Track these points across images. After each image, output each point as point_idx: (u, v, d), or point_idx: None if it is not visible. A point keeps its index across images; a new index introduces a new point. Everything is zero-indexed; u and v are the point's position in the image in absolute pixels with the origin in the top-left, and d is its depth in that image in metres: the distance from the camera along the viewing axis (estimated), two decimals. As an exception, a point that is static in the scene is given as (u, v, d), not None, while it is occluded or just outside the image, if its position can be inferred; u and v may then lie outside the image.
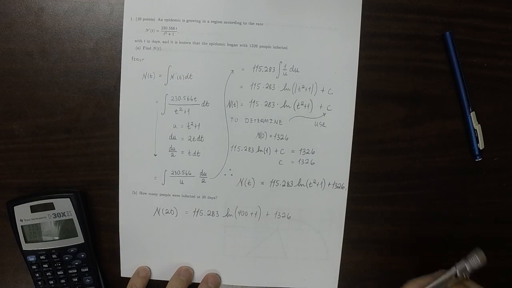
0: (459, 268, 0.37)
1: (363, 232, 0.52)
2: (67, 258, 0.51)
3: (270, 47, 0.50)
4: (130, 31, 0.50)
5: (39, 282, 0.52)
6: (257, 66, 0.50)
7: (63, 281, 0.52)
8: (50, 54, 0.50)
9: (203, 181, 0.52)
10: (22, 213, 0.50)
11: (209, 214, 0.52)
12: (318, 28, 0.50)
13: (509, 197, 0.52)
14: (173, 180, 0.51)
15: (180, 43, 0.50)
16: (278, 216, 0.52)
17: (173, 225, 0.52)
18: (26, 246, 0.50)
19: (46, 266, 0.51)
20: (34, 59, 0.50)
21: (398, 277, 0.53)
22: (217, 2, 0.49)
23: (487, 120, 0.51)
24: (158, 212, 0.52)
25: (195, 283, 0.53)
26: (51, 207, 0.50)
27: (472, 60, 0.50)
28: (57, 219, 0.50)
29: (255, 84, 0.50)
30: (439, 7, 0.49)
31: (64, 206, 0.50)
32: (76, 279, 0.52)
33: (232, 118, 0.51)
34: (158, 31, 0.49)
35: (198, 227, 0.52)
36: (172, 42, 0.50)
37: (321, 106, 0.50)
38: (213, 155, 0.51)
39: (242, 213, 0.52)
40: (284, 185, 0.52)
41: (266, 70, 0.50)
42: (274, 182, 0.52)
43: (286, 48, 0.50)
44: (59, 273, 0.52)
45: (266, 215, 0.52)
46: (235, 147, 0.51)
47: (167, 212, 0.52)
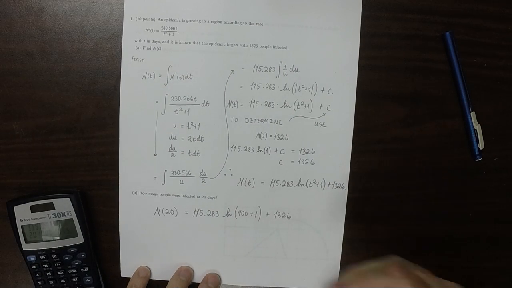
0: None
1: (363, 232, 0.52)
2: (67, 258, 0.51)
3: (270, 47, 0.50)
4: (130, 31, 0.50)
5: (39, 282, 0.52)
6: (257, 66, 0.50)
7: (63, 281, 0.52)
8: (50, 54, 0.50)
9: (203, 181, 0.52)
10: (22, 213, 0.50)
11: (209, 214, 0.52)
12: (318, 28, 0.50)
13: (509, 197, 0.52)
14: (173, 180, 0.51)
15: (180, 43, 0.50)
16: (278, 216, 0.52)
17: (173, 225, 0.52)
18: (26, 246, 0.50)
19: (46, 266, 0.51)
20: (34, 59, 0.50)
21: (398, 277, 0.53)
22: (217, 2, 0.49)
23: (487, 120, 0.51)
24: (158, 212, 0.52)
25: (195, 283, 0.53)
26: (51, 207, 0.50)
27: (472, 60, 0.50)
28: (57, 219, 0.50)
29: (255, 84, 0.50)
30: (439, 7, 0.49)
31: (64, 206, 0.50)
32: (76, 279, 0.52)
33: (232, 118, 0.51)
34: (158, 31, 0.49)
35: (198, 227, 0.52)
36: (172, 42, 0.50)
37: (321, 106, 0.50)
38: (213, 155, 0.51)
39: (242, 213, 0.52)
40: (284, 185, 0.52)
41: (266, 70, 0.50)
42: (274, 182, 0.52)
43: (286, 48, 0.50)
44: (59, 273, 0.52)
45: (266, 215, 0.52)
46: (235, 147, 0.51)
47: (167, 212, 0.52)
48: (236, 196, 0.52)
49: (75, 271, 0.52)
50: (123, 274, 0.53)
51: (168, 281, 0.52)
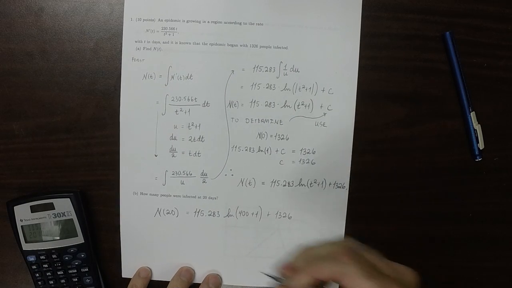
0: None
1: (364, 232, 0.52)
2: (67, 258, 0.51)
3: (270, 47, 0.50)
4: (130, 31, 0.50)
5: (39, 282, 0.52)
6: (258, 66, 0.50)
7: (63, 281, 0.52)
8: (50, 54, 0.50)
9: (204, 182, 0.51)
10: (22, 213, 0.50)
11: (210, 215, 0.52)
12: (318, 28, 0.50)
13: (509, 197, 0.52)
14: (174, 180, 0.51)
15: (180, 43, 0.50)
16: (279, 216, 0.52)
17: (174, 226, 0.52)
18: (26, 246, 0.50)
19: (46, 266, 0.51)
20: (34, 59, 0.50)
21: (398, 277, 0.53)
22: (217, 2, 0.49)
23: (487, 120, 0.51)
24: (159, 213, 0.52)
25: (196, 283, 0.53)
26: (51, 207, 0.50)
27: (472, 60, 0.50)
28: (57, 219, 0.50)
29: (255, 84, 0.50)
30: (439, 7, 0.49)
31: (64, 206, 0.50)
32: (76, 279, 0.52)
33: (232, 118, 0.51)
34: (158, 31, 0.49)
35: (199, 227, 0.52)
36: (172, 42, 0.50)
37: (321, 106, 0.50)
38: (214, 156, 0.51)
39: (243, 213, 0.52)
40: (284, 185, 0.52)
41: (267, 70, 0.50)
42: (274, 182, 0.52)
43: (286, 48, 0.50)
44: (59, 273, 0.52)
45: (267, 215, 0.52)
46: (235, 147, 0.51)
47: (168, 212, 0.52)
48: (237, 196, 0.52)
49: (75, 271, 0.52)
50: (124, 274, 0.53)
51: (169, 282, 0.52)
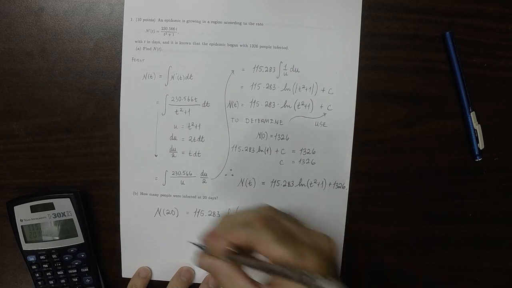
0: (315, 283, 0.32)
1: (364, 232, 0.52)
2: (67, 258, 0.51)
3: (270, 47, 0.50)
4: (130, 31, 0.50)
5: (39, 282, 0.52)
6: (258, 66, 0.50)
7: (63, 281, 0.52)
8: (50, 54, 0.50)
9: (204, 182, 0.51)
10: (22, 213, 0.50)
11: (210, 215, 0.52)
12: (318, 28, 0.50)
13: (509, 197, 0.52)
14: (174, 180, 0.51)
15: (180, 43, 0.50)
16: (279, 216, 0.52)
17: (174, 226, 0.52)
18: (26, 246, 0.50)
19: (46, 266, 0.51)
20: (34, 59, 0.50)
21: (398, 277, 0.53)
22: (217, 3, 0.49)
23: (487, 120, 0.51)
24: (159, 213, 0.52)
25: (195, 283, 0.53)
26: (51, 207, 0.50)
27: (472, 60, 0.50)
28: (57, 219, 0.50)
29: (255, 84, 0.50)
30: (439, 7, 0.49)
31: (64, 206, 0.50)
32: (76, 279, 0.52)
33: (232, 118, 0.51)
34: (158, 31, 0.49)
35: (199, 227, 0.52)
36: (172, 42, 0.50)
37: (321, 106, 0.50)
38: (214, 156, 0.51)
39: (243, 213, 0.52)
40: (285, 185, 0.52)
41: (267, 70, 0.50)
42: (274, 182, 0.52)
43: (286, 48, 0.50)
44: (59, 273, 0.52)
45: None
46: (235, 147, 0.51)
47: (168, 212, 0.52)
48: (237, 197, 0.52)
49: (75, 271, 0.52)
50: (124, 274, 0.53)
51: (168, 282, 0.52)
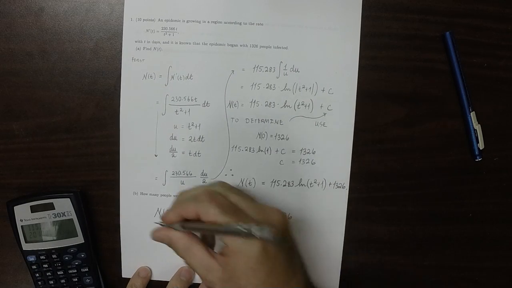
0: (249, 231, 0.34)
1: (364, 232, 0.52)
2: (67, 258, 0.51)
3: (270, 47, 0.50)
4: (130, 31, 0.50)
5: (39, 282, 0.52)
6: (258, 66, 0.50)
7: (63, 281, 0.52)
8: (50, 54, 0.50)
9: (204, 182, 0.51)
10: (22, 213, 0.49)
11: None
12: (318, 28, 0.50)
13: (509, 197, 0.52)
14: (174, 180, 0.51)
15: (180, 43, 0.50)
16: (279, 216, 0.52)
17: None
18: (26, 246, 0.50)
19: (46, 266, 0.51)
20: (34, 59, 0.50)
21: (398, 277, 0.53)
22: (217, 3, 0.49)
23: (487, 120, 0.51)
24: (159, 213, 0.52)
25: (195, 283, 0.53)
26: (51, 207, 0.50)
27: (472, 60, 0.50)
28: (57, 219, 0.50)
29: (255, 84, 0.50)
30: (439, 7, 0.49)
31: (64, 206, 0.50)
32: (76, 279, 0.52)
33: (232, 118, 0.51)
34: (158, 31, 0.49)
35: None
36: (172, 42, 0.50)
37: (321, 106, 0.50)
38: (214, 156, 0.51)
39: (243, 213, 0.52)
40: (285, 185, 0.52)
41: (267, 70, 0.50)
42: (274, 182, 0.52)
43: (286, 48, 0.50)
44: (59, 273, 0.52)
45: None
46: (235, 147, 0.51)
47: (168, 212, 0.52)
48: (236, 196, 0.52)
49: (75, 271, 0.52)
50: (124, 274, 0.53)
51: (168, 282, 0.52)
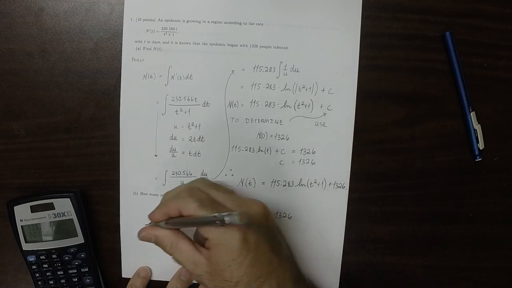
0: (220, 218, 0.36)
1: (364, 232, 0.52)
2: (67, 258, 0.51)
3: (270, 47, 0.50)
4: (130, 31, 0.50)
5: (39, 282, 0.52)
6: (258, 66, 0.50)
7: (63, 281, 0.52)
8: (50, 54, 0.50)
9: (204, 182, 0.51)
10: (22, 213, 0.49)
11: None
12: (318, 28, 0.50)
13: (509, 197, 0.52)
14: (174, 180, 0.51)
15: (180, 43, 0.50)
16: (279, 216, 0.52)
17: (174, 226, 0.52)
18: (26, 246, 0.50)
19: (46, 266, 0.51)
20: (34, 59, 0.50)
21: (398, 277, 0.53)
22: (217, 2, 0.49)
23: (487, 120, 0.51)
24: (159, 213, 0.52)
25: (195, 283, 0.53)
26: (51, 207, 0.50)
27: (472, 60, 0.50)
28: (57, 219, 0.50)
29: (255, 84, 0.50)
30: (439, 7, 0.49)
31: (64, 206, 0.50)
32: (76, 279, 0.52)
33: (232, 118, 0.51)
34: (158, 31, 0.49)
35: (199, 227, 0.52)
36: (172, 42, 0.50)
37: (321, 106, 0.50)
38: (214, 156, 0.51)
39: (243, 213, 0.52)
40: (285, 185, 0.52)
41: (267, 70, 0.50)
42: (274, 182, 0.52)
43: (286, 48, 0.50)
44: (59, 273, 0.52)
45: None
46: (235, 147, 0.51)
47: (168, 212, 0.52)
48: (236, 196, 0.52)
49: (75, 271, 0.52)
50: (124, 274, 0.53)
51: (168, 282, 0.52)
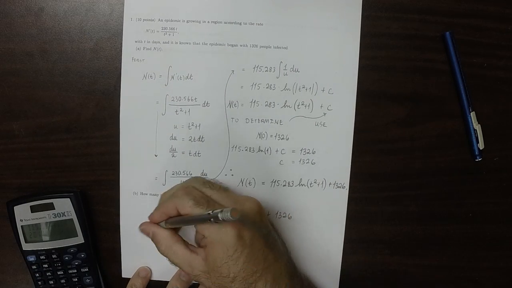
0: (214, 215, 0.38)
1: (364, 232, 0.52)
2: (67, 258, 0.51)
3: (270, 47, 0.50)
4: (130, 31, 0.50)
5: (39, 282, 0.52)
6: (258, 66, 0.50)
7: (63, 281, 0.52)
8: (50, 54, 0.50)
9: (204, 182, 0.51)
10: (22, 213, 0.50)
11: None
12: (318, 28, 0.50)
13: (509, 197, 0.52)
14: (174, 180, 0.51)
15: (180, 43, 0.50)
16: (279, 216, 0.52)
17: (174, 226, 0.52)
18: (26, 246, 0.50)
19: (46, 266, 0.51)
20: (34, 59, 0.50)
21: (398, 277, 0.53)
22: (217, 2, 0.49)
23: (487, 120, 0.51)
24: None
25: (196, 283, 0.53)
26: (51, 207, 0.50)
27: (472, 60, 0.50)
28: (57, 219, 0.50)
29: (255, 84, 0.50)
30: (439, 7, 0.49)
31: (64, 206, 0.50)
32: (76, 279, 0.52)
33: (232, 118, 0.51)
34: (158, 31, 0.49)
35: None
36: (172, 42, 0.50)
37: (321, 106, 0.50)
38: (214, 156, 0.51)
39: (243, 213, 0.52)
40: (285, 185, 0.52)
41: (267, 70, 0.50)
42: (274, 182, 0.52)
43: (286, 48, 0.50)
44: (59, 273, 0.52)
45: (267, 215, 0.52)
46: (235, 147, 0.51)
47: (168, 212, 0.52)
48: (236, 196, 0.52)
49: (75, 271, 0.52)
50: (124, 274, 0.53)
51: (168, 282, 0.52)
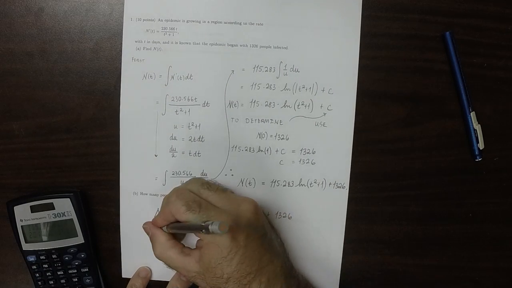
0: (205, 226, 0.39)
1: (364, 232, 0.52)
2: (67, 258, 0.51)
3: (270, 47, 0.50)
4: (130, 31, 0.50)
5: (39, 282, 0.52)
6: (258, 66, 0.50)
7: (63, 281, 0.52)
8: (50, 54, 0.50)
9: (204, 182, 0.51)
10: (22, 213, 0.50)
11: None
12: (318, 28, 0.50)
13: (509, 197, 0.52)
14: (174, 180, 0.51)
15: (180, 43, 0.50)
16: (279, 216, 0.52)
17: (174, 226, 0.52)
18: (26, 246, 0.50)
19: (46, 266, 0.51)
20: (34, 59, 0.50)
21: (398, 277, 0.53)
22: (217, 3, 0.49)
23: (487, 120, 0.51)
24: (159, 213, 0.52)
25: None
26: (51, 207, 0.50)
27: (472, 60, 0.50)
28: (57, 219, 0.50)
29: (255, 84, 0.50)
30: (439, 7, 0.49)
31: (64, 206, 0.50)
32: (76, 279, 0.52)
33: (232, 118, 0.51)
34: (158, 31, 0.49)
35: (199, 227, 0.52)
36: (172, 42, 0.50)
37: (321, 106, 0.50)
38: (214, 156, 0.51)
39: (243, 213, 0.52)
40: (284, 185, 0.52)
41: (267, 70, 0.50)
42: (274, 182, 0.52)
43: (286, 48, 0.50)
44: (59, 273, 0.52)
45: (267, 215, 0.52)
46: (235, 147, 0.51)
47: (168, 212, 0.52)
48: (236, 196, 0.52)
49: (75, 271, 0.52)
50: (124, 275, 0.53)
51: (168, 282, 0.52)
